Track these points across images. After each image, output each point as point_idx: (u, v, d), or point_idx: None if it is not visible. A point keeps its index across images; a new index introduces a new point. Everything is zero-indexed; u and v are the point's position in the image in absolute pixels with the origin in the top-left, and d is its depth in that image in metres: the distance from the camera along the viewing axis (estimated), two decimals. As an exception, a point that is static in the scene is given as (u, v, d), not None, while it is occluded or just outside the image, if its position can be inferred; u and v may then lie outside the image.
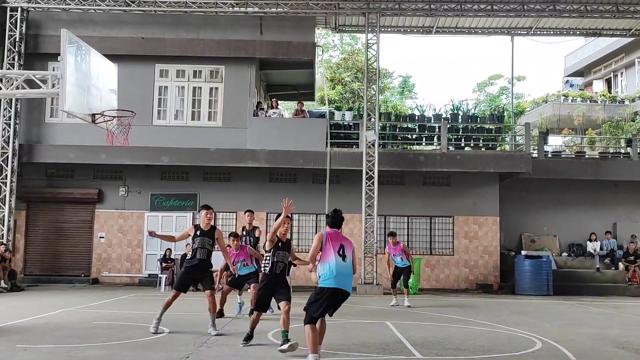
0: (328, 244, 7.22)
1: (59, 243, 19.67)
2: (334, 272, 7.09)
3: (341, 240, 7.34)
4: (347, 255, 7.25)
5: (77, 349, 7.91)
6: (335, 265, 7.11)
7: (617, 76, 30.65)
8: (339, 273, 7.11)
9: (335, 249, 7.18)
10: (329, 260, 7.14)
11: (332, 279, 7.09)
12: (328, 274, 7.11)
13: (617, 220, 21.30)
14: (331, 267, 7.10)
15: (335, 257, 7.14)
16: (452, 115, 20.85)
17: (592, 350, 8.54)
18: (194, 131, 18.90)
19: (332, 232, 7.43)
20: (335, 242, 7.24)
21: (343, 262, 7.17)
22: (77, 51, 11.95)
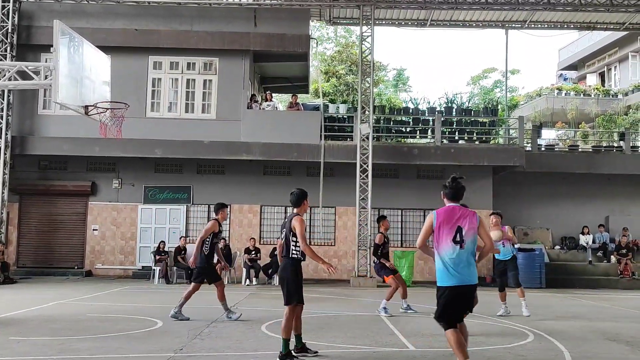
0: (440, 230, 5.84)
1: (52, 235, 19.62)
2: (449, 266, 5.77)
3: (458, 221, 5.84)
4: (467, 239, 5.80)
5: (70, 341, 7.91)
6: (449, 256, 5.77)
7: (611, 70, 30.74)
8: (456, 266, 5.75)
9: (449, 235, 5.79)
10: (442, 252, 5.81)
11: (449, 275, 5.77)
12: (442, 269, 5.82)
13: (610, 213, 21.41)
14: (445, 261, 5.80)
15: (451, 245, 5.78)
16: (446, 108, 20.86)
17: (584, 342, 8.60)
18: (188, 123, 18.85)
19: (448, 209, 5.96)
20: (449, 227, 5.81)
21: (461, 249, 5.76)
22: (70, 43, 11.88)
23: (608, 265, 19.81)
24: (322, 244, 19.79)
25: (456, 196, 6.02)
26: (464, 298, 5.81)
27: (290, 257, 7.08)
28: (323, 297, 14.42)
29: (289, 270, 7.12)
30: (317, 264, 20.20)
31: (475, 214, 5.98)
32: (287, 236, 7.08)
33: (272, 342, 8.16)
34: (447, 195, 6.05)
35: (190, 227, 19.76)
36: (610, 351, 8.02)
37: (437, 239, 5.84)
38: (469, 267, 5.79)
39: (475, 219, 5.92)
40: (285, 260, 7.13)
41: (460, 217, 5.85)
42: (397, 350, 7.77)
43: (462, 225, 5.81)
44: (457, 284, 5.72)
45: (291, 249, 7.07)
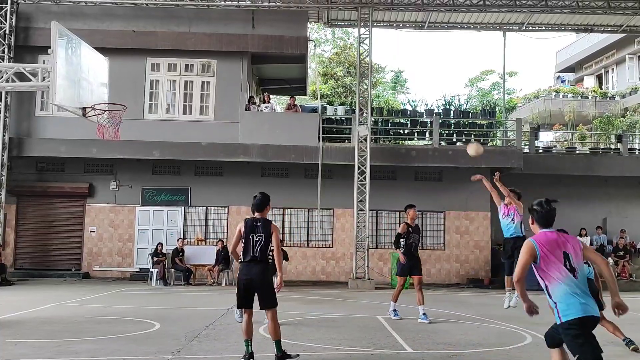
0: (547, 259, 5.01)
1: (49, 237, 19.58)
2: (569, 297, 4.91)
3: (562, 246, 5.04)
4: (576, 265, 4.99)
5: (67, 343, 7.89)
6: (566, 286, 4.92)
7: (608, 72, 30.81)
8: (575, 295, 4.89)
9: (560, 262, 4.97)
10: (557, 282, 4.97)
11: (574, 306, 4.88)
12: (564, 302, 4.93)
13: (608, 215, 21.44)
14: (562, 292, 4.94)
15: (565, 274, 4.94)
16: (444, 110, 20.90)
17: (582, 345, 8.60)
18: (186, 125, 18.84)
19: (547, 235, 5.18)
20: (555, 253, 5.01)
21: (575, 278, 4.94)
22: (68, 44, 11.88)
23: (605, 267, 19.79)
24: (319, 245, 19.79)
25: (550, 220, 5.36)
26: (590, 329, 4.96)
27: (267, 261, 7.07)
28: (321, 299, 14.41)
29: (269, 275, 7.22)
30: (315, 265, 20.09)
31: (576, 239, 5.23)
32: (267, 241, 7.03)
33: (269, 344, 8.14)
34: (539, 221, 5.36)
35: (187, 228, 19.73)
36: (609, 353, 8.00)
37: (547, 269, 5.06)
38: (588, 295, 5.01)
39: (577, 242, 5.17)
40: (263, 265, 7.00)
41: (563, 243, 5.12)
42: (395, 352, 7.77)
43: (568, 250, 5.05)
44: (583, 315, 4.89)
45: (267, 254, 7.09)
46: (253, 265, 6.96)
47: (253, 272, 6.94)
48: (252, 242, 7.01)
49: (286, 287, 17.01)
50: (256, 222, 7.15)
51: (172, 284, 17.54)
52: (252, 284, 6.93)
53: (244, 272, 6.96)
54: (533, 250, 5.05)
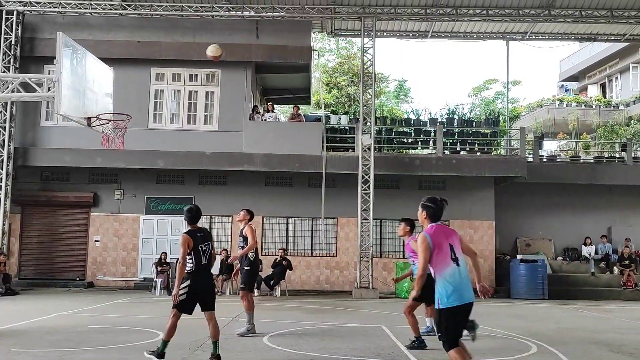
0: (438, 249, 5.61)
1: (54, 246, 19.61)
2: (451, 286, 5.53)
3: (448, 239, 5.68)
4: (459, 255, 5.66)
5: (71, 352, 7.89)
6: (451, 276, 5.55)
7: (612, 81, 30.81)
8: (458, 284, 5.55)
9: (447, 253, 5.61)
10: (444, 272, 5.58)
11: (453, 294, 5.52)
12: (445, 289, 5.55)
13: (612, 224, 21.37)
14: (448, 278, 5.55)
15: (450, 264, 5.58)
16: (447, 119, 20.90)
17: (587, 354, 8.57)
18: (190, 135, 18.90)
19: (436, 229, 5.72)
20: (443, 247, 5.62)
21: (458, 267, 5.60)
22: (73, 54, 11.97)
23: (611, 277, 19.74)
24: (323, 255, 19.77)
25: (439, 216, 5.86)
26: (465, 315, 5.63)
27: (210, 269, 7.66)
28: (325, 308, 14.37)
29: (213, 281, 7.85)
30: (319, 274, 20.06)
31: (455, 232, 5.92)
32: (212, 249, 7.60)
33: (274, 354, 8.14)
34: (431, 216, 5.84)
35: (192, 238, 19.70)
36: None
37: (436, 260, 5.61)
38: (467, 284, 5.69)
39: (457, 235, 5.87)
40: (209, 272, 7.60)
41: (448, 236, 5.74)
42: (399, 362, 7.74)
43: (452, 243, 5.70)
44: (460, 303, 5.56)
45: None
46: (204, 273, 7.49)
47: (206, 279, 7.52)
48: (202, 252, 7.45)
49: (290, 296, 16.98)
50: (199, 232, 7.56)
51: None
52: (204, 290, 7.48)
53: (197, 280, 7.39)
54: (428, 243, 5.58)
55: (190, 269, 7.40)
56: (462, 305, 5.50)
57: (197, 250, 7.38)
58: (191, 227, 7.59)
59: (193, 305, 7.47)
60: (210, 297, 7.54)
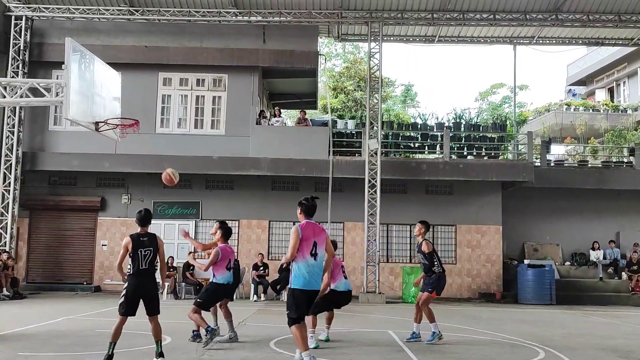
0: (303, 242, 6.89)
1: (61, 251, 19.69)
2: (305, 273, 6.85)
3: (315, 237, 6.97)
4: (319, 251, 6.96)
5: (79, 356, 7.91)
6: (306, 265, 6.86)
7: (620, 85, 30.69)
8: (310, 273, 6.86)
9: (308, 248, 6.88)
10: (301, 261, 6.87)
11: (303, 280, 6.85)
12: (299, 275, 6.86)
13: (621, 229, 21.25)
14: (301, 268, 6.86)
15: (307, 257, 6.87)
16: (454, 124, 20.87)
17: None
18: (197, 139, 18.95)
19: (306, 225, 7.02)
20: (308, 242, 6.90)
21: (315, 261, 6.92)
22: (81, 59, 12.03)
23: (619, 282, 19.62)
24: (330, 259, 19.71)
25: (311, 212, 7.20)
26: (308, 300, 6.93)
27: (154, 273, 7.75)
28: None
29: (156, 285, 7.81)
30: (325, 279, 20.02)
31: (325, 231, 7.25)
32: (155, 254, 7.66)
33: (280, 358, 8.13)
34: (305, 212, 7.16)
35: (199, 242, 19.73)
36: None
37: (300, 250, 6.87)
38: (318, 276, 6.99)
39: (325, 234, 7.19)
40: (152, 276, 7.67)
41: (316, 234, 7.03)
42: (406, 367, 7.71)
43: (317, 241, 6.99)
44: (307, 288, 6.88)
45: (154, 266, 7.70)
46: (143, 277, 7.55)
47: (145, 283, 7.57)
48: (142, 256, 7.54)
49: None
50: (142, 237, 7.62)
51: (183, 298, 17.55)
52: (143, 294, 7.54)
53: (135, 283, 7.53)
54: (298, 234, 6.87)
55: (129, 272, 7.58)
56: (309, 291, 6.87)
57: (135, 254, 7.49)
58: (140, 229, 7.67)
59: (134, 307, 7.54)
60: (150, 302, 7.59)
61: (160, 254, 7.74)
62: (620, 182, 20.53)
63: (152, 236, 7.70)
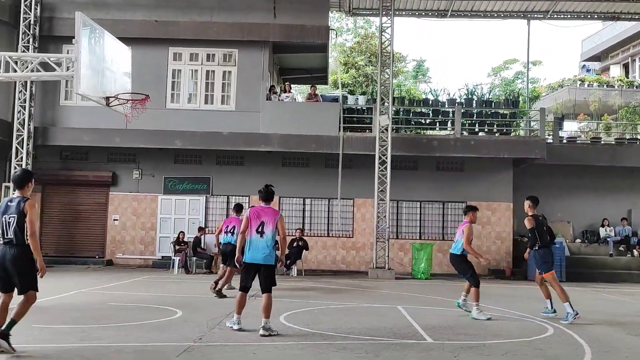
0: (252, 221, 8.07)
1: (73, 225, 19.88)
2: (250, 248, 8.02)
3: (263, 217, 8.06)
4: (266, 230, 7.99)
5: (92, 329, 8.02)
6: (251, 241, 8.01)
7: (635, 61, 30.22)
8: (252, 249, 8.01)
9: (255, 226, 8.02)
10: (249, 237, 8.04)
11: (247, 254, 8.03)
12: (247, 249, 8.06)
13: (633, 207, 21.10)
14: (249, 244, 8.03)
15: (254, 234, 8.00)
16: (466, 100, 20.67)
17: (604, 337, 8.52)
18: (207, 115, 18.93)
19: (257, 209, 8.17)
20: (256, 222, 8.04)
21: (261, 238, 7.99)
22: (91, 34, 12.00)
23: (630, 259, 19.56)
24: (340, 235, 19.81)
25: (267, 198, 8.32)
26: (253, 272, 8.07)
27: (25, 244, 6.54)
28: (341, 288, 14.43)
29: (27, 259, 6.62)
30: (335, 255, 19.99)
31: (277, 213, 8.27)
32: (19, 221, 6.45)
33: (290, 332, 8.20)
34: (261, 198, 8.33)
35: (209, 217, 19.88)
36: (631, 347, 7.93)
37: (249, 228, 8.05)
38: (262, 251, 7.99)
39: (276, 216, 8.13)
40: (20, 248, 6.51)
41: (265, 215, 8.10)
42: (415, 342, 7.76)
43: (265, 220, 8.05)
44: (251, 261, 8.03)
45: (25, 235, 6.51)
46: (5, 247, 6.49)
47: (5, 255, 6.48)
48: (5, 223, 6.48)
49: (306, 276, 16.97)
50: (10, 201, 6.59)
51: (194, 272, 17.71)
52: (7, 268, 6.47)
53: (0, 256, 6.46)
54: (247, 216, 8.12)
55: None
56: (253, 264, 8.02)
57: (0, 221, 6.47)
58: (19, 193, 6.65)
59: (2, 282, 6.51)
60: (7, 275, 6.50)
61: (28, 221, 6.48)
62: (633, 160, 20.33)
63: (20, 199, 6.53)
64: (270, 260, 8.03)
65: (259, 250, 7.99)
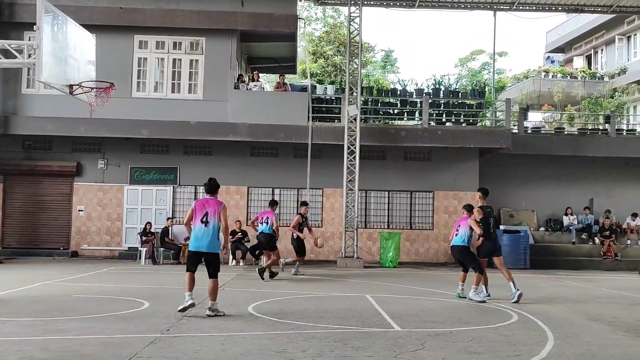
0: (197, 212, 8.61)
1: (37, 216, 19.48)
2: (195, 236, 8.54)
3: (207, 208, 8.59)
4: (210, 220, 8.51)
5: (56, 321, 7.89)
6: (196, 231, 8.54)
7: (597, 53, 30.86)
8: (197, 237, 8.52)
9: (199, 217, 8.54)
10: (194, 227, 8.57)
11: (192, 242, 8.60)
12: (192, 238, 8.62)
13: (595, 196, 21.61)
14: (194, 232, 8.57)
15: (198, 224, 8.52)
16: (433, 90, 20.84)
17: (567, 323, 8.73)
18: (174, 104, 18.70)
19: (202, 201, 8.78)
20: (200, 212, 8.57)
21: (205, 227, 8.50)
22: (54, 21, 11.71)
23: (591, 247, 20.06)
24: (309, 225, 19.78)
25: (211, 191, 8.86)
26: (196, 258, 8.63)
27: None
28: (310, 277, 14.48)
29: None
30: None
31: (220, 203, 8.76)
32: None
33: (258, 322, 8.21)
34: (206, 191, 8.87)
35: (177, 208, 19.68)
36: (592, 331, 8.15)
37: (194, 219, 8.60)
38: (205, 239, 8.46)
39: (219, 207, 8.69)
40: None
41: (209, 206, 8.62)
42: (382, 330, 7.84)
43: (209, 211, 8.58)
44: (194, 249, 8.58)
45: None
46: None
47: None
48: None
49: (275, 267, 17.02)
50: None
51: (161, 263, 17.55)
52: None
53: None
54: (192, 207, 8.74)
55: None
56: (194, 251, 8.57)
57: None
58: None
59: None
60: None
61: None
62: (595, 149, 20.81)
63: None
64: (213, 248, 8.53)
65: (203, 238, 8.46)
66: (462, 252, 11.02)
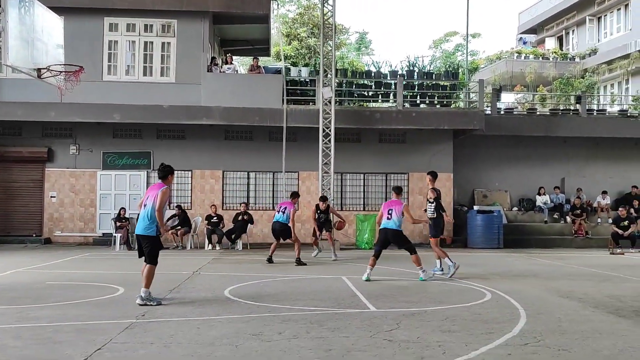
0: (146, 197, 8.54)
1: (8, 203, 19.17)
2: (140, 221, 8.47)
3: (149, 192, 8.54)
4: (148, 203, 8.37)
5: (29, 309, 7.80)
6: (142, 215, 8.45)
7: (569, 34, 31.15)
8: (139, 221, 8.54)
9: (144, 201, 8.52)
10: (141, 210, 8.49)
11: (138, 227, 8.54)
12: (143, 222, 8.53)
13: (566, 175, 21.95)
14: (140, 217, 8.49)
15: (141, 209, 8.49)
16: (408, 72, 20.87)
17: (539, 300, 8.90)
18: (146, 87, 18.45)
19: (152, 186, 8.80)
20: (146, 196, 8.56)
21: (143, 210, 8.46)
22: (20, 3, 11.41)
23: (563, 225, 20.43)
24: (285, 208, 19.78)
25: (160, 176, 8.63)
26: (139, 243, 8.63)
27: None
28: (286, 261, 14.51)
29: None
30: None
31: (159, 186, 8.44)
32: None
33: (234, 306, 8.21)
34: (159, 177, 8.66)
35: (151, 193, 19.48)
36: (563, 308, 8.32)
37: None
38: (142, 222, 8.40)
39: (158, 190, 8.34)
40: None
41: (151, 190, 8.51)
42: (358, 311, 7.90)
43: (150, 194, 8.42)
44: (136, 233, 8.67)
45: None
46: None
47: None
48: None
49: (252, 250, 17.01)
50: None
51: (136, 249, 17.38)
52: None
53: None
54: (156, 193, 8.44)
55: None
56: (137, 235, 8.59)
57: None
58: None
59: None
60: None
61: None
62: (566, 130, 21.10)
63: None
64: (148, 232, 8.36)
65: (139, 222, 8.45)
66: (397, 235, 11.01)
